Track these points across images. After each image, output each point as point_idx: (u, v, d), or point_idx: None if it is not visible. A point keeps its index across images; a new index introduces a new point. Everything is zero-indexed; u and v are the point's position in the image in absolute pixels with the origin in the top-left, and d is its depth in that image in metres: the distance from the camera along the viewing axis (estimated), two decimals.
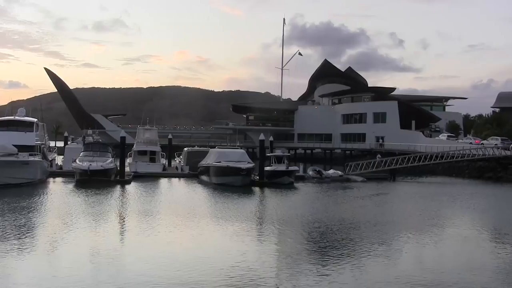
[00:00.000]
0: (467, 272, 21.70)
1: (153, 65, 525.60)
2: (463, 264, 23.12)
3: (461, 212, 41.78)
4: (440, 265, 22.96)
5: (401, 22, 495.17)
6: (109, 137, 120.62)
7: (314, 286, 18.93)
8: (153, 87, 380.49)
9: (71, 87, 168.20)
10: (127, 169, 64.32)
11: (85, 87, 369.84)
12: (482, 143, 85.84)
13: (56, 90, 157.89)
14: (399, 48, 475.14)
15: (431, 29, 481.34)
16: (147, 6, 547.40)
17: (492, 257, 24.64)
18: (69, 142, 79.25)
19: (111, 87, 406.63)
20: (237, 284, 18.87)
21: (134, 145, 74.59)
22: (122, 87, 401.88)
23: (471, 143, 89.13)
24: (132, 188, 53.19)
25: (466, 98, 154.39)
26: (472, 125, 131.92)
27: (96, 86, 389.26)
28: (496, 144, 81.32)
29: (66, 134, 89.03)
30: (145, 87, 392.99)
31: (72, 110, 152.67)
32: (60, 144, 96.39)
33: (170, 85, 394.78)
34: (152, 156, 72.68)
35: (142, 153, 72.73)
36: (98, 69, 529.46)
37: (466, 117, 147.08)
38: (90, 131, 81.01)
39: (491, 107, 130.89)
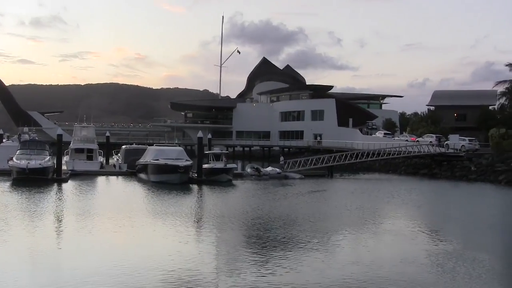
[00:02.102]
0: (401, 265, 22.51)
1: (91, 61, 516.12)
2: (398, 258, 23.81)
3: (397, 207, 42.51)
4: (376, 259, 23.64)
5: (340, 21, 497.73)
6: (46, 135, 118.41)
7: (254, 283, 19.17)
8: (91, 84, 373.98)
9: (6, 84, 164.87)
10: (64, 167, 63.55)
11: (21, 83, 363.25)
12: (418, 140, 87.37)
13: None
14: (337, 46, 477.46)
15: (369, 28, 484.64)
16: (86, 2, 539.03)
17: (425, 250, 25.41)
18: (4, 140, 77.82)
19: (48, 84, 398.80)
20: (177, 283, 18.98)
21: (71, 143, 73.65)
22: (59, 84, 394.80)
23: (407, 140, 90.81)
24: (69, 186, 52.63)
25: (402, 96, 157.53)
26: (408, 123, 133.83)
27: (32, 83, 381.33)
28: (431, 142, 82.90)
29: (1, 132, 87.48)
30: (82, 84, 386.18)
31: (8, 107, 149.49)
32: None
33: (108, 82, 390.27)
34: (89, 154, 71.69)
35: (79, 151, 71.74)
36: (34, 65, 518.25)
37: (402, 115, 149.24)
38: (26, 129, 79.93)
39: (427, 105, 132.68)
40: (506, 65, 77.71)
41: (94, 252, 24.07)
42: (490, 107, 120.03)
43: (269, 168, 70.09)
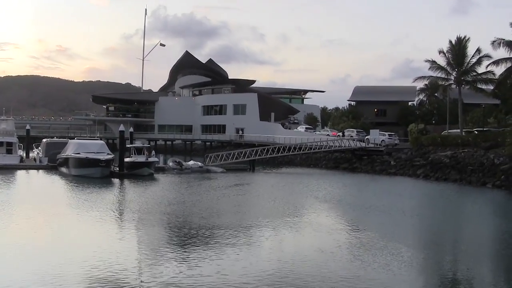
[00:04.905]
0: (317, 255, 23.22)
1: (10, 53, 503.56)
2: (315, 249, 24.47)
3: (318, 200, 42.94)
4: (295, 251, 24.40)
5: (263, 16, 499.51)
6: None
7: (176, 277, 19.27)
8: (11, 76, 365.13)
9: None
10: None
11: None
12: (339, 135, 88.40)
13: None
14: (260, 41, 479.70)
15: (292, 24, 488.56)
16: None
17: (340, 241, 26.14)
18: None
19: None
20: (99, 277, 18.96)
21: None
22: None
23: (328, 135, 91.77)
24: None
25: (324, 92, 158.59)
26: (329, 118, 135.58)
27: None
28: (351, 136, 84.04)
29: None
30: (2, 76, 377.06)
31: None
32: None
33: (29, 74, 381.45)
34: (8, 148, 70.36)
35: None
36: None
37: (324, 110, 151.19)
38: None
39: (348, 100, 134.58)
40: (426, 61, 77.63)
41: (12, 247, 23.81)
42: (410, 103, 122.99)
43: (191, 162, 70.16)
